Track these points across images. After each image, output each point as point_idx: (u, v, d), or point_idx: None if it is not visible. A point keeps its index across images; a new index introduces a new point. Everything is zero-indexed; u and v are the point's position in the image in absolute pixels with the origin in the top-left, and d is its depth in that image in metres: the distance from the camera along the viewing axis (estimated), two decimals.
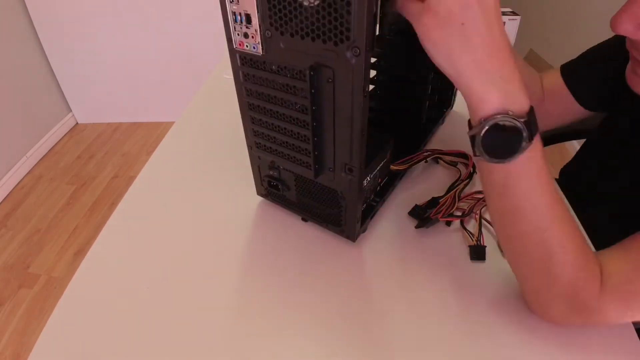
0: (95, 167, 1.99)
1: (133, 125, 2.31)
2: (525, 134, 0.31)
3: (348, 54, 0.34)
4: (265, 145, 0.48)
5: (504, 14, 1.64)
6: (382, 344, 0.42)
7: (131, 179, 1.86)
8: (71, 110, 2.30)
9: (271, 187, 0.53)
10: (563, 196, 0.37)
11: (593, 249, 0.43)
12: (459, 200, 0.55)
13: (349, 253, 0.51)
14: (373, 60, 0.49)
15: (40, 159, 2.06)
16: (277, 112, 0.43)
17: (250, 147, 0.51)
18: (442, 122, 0.75)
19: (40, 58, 2.08)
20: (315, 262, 0.50)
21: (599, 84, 0.62)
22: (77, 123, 2.35)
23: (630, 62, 0.43)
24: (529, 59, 1.81)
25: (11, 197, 1.82)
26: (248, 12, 0.37)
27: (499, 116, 0.31)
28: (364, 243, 0.53)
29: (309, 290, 0.47)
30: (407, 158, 0.61)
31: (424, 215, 0.54)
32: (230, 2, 0.37)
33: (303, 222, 0.55)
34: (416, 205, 0.56)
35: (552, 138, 0.86)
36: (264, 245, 0.53)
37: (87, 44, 2.05)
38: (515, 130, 0.31)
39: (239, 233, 0.54)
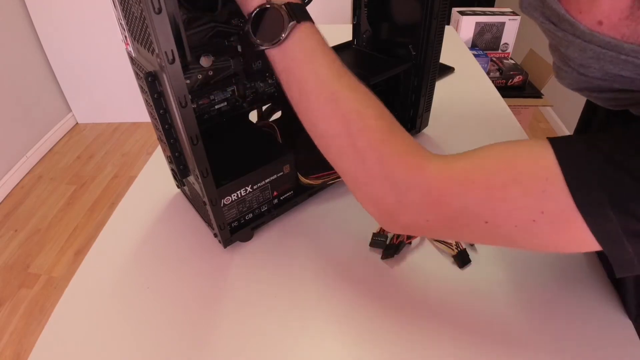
0: (95, 167, 1.99)
1: (133, 125, 2.32)
2: (285, 15, 0.35)
3: (159, 64, 0.34)
4: (160, 139, 0.48)
5: (504, 14, 1.64)
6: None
7: (131, 179, 1.86)
8: (71, 110, 2.30)
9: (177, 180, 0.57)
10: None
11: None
12: None
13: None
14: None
15: (40, 159, 2.06)
16: (150, 112, 0.44)
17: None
18: None
19: (40, 58, 2.08)
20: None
21: None
22: (77, 123, 2.35)
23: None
24: (529, 59, 1.81)
25: (11, 197, 1.82)
26: (119, 17, 0.39)
27: (258, 8, 0.36)
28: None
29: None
30: (323, 174, 0.54)
31: (387, 243, 0.49)
32: (113, 6, 0.39)
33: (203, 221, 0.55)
34: (374, 234, 0.51)
35: None
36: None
37: (87, 44, 2.05)
38: (277, 13, 0.36)
39: None
